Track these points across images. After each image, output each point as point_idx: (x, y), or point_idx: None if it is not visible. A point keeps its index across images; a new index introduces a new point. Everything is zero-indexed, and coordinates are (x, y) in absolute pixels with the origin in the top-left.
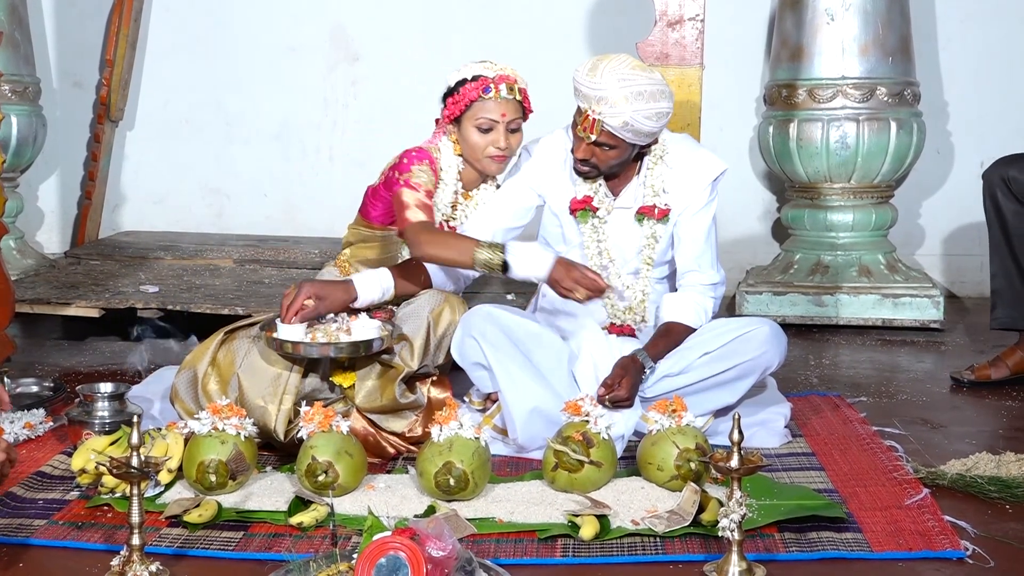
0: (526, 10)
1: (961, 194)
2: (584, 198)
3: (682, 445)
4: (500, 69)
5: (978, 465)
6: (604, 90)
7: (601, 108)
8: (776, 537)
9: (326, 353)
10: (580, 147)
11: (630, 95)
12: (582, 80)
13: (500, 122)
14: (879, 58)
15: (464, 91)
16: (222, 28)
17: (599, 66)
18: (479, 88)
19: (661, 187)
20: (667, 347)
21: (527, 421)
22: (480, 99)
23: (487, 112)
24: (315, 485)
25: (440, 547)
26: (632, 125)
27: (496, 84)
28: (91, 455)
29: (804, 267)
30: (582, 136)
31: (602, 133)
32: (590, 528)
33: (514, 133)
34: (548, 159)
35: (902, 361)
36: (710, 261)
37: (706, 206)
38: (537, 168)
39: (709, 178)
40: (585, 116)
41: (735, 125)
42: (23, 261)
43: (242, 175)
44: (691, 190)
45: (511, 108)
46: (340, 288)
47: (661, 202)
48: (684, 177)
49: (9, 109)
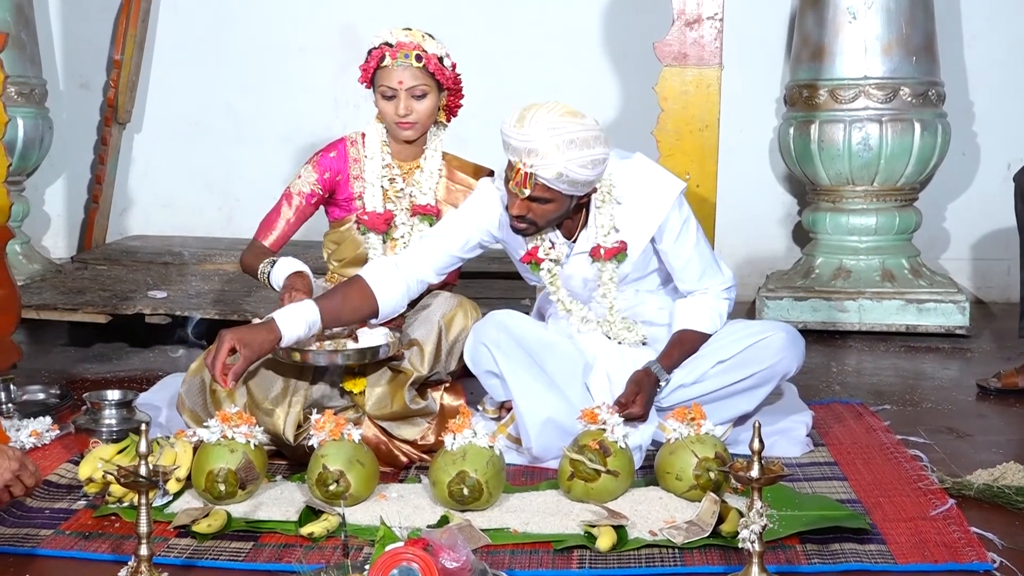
0: (539, 10)
1: (987, 197)
2: (532, 250)
3: (701, 454)
4: (407, 36)
5: (1005, 475)
6: (533, 141)
7: (532, 160)
8: (798, 549)
9: (333, 361)
10: (515, 203)
11: (561, 144)
12: (510, 132)
13: (399, 89)
14: (902, 57)
15: (369, 59)
16: (231, 29)
17: (526, 116)
18: (378, 56)
19: (611, 225)
20: (681, 356)
21: (541, 431)
22: (380, 67)
23: (385, 79)
24: (326, 494)
25: (454, 558)
26: (567, 175)
27: (394, 52)
28: (98, 464)
29: (826, 272)
30: (515, 191)
31: (536, 187)
32: (607, 539)
33: (419, 100)
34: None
35: (927, 368)
36: (711, 271)
37: (682, 227)
38: (491, 211)
39: (669, 200)
40: (517, 170)
41: (755, 127)
42: (29, 266)
43: (252, 178)
44: (652, 216)
45: (410, 75)
46: (263, 330)
47: (610, 240)
48: (641, 206)
49: (15, 111)
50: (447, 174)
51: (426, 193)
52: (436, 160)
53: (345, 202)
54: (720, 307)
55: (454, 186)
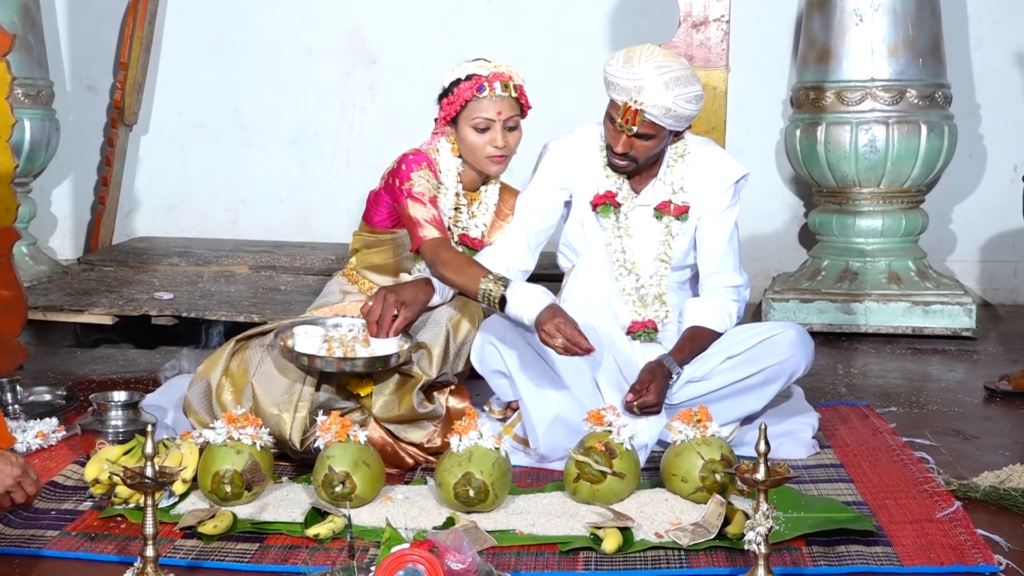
0: (546, 12)
1: (994, 199)
2: (606, 193)
3: (707, 456)
4: (495, 67)
5: (1012, 477)
6: (643, 79)
7: (642, 98)
8: (804, 551)
9: (342, 368)
10: (619, 140)
11: (670, 81)
12: (617, 73)
13: (497, 121)
14: (909, 59)
15: (459, 91)
16: (238, 31)
17: (633, 57)
18: (473, 87)
19: (680, 185)
20: (692, 352)
21: (549, 429)
22: (475, 98)
23: (483, 111)
24: (332, 496)
25: (459, 560)
26: (674, 111)
27: (491, 82)
28: (104, 465)
29: (832, 274)
30: (623, 129)
31: (644, 123)
32: (613, 541)
33: (512, 131)
34: (578, 153)
35: (933, 370)
36: (733, 264)
37: (728, 209)
38: (565, 163)
39: (730, 180)
40: (626, 108)
41: (761, 128)
42: (36, 267)
43: (258, 180)
44: (711, 191)
45: (507, 106)
46: (420, 289)
47: (679, 199)
48: (705, 177)
49: (22, 113)
50: (497, 209)
51: (479, 227)
52: (495, 194)
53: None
54: (730, 307)
55: (498, 222)
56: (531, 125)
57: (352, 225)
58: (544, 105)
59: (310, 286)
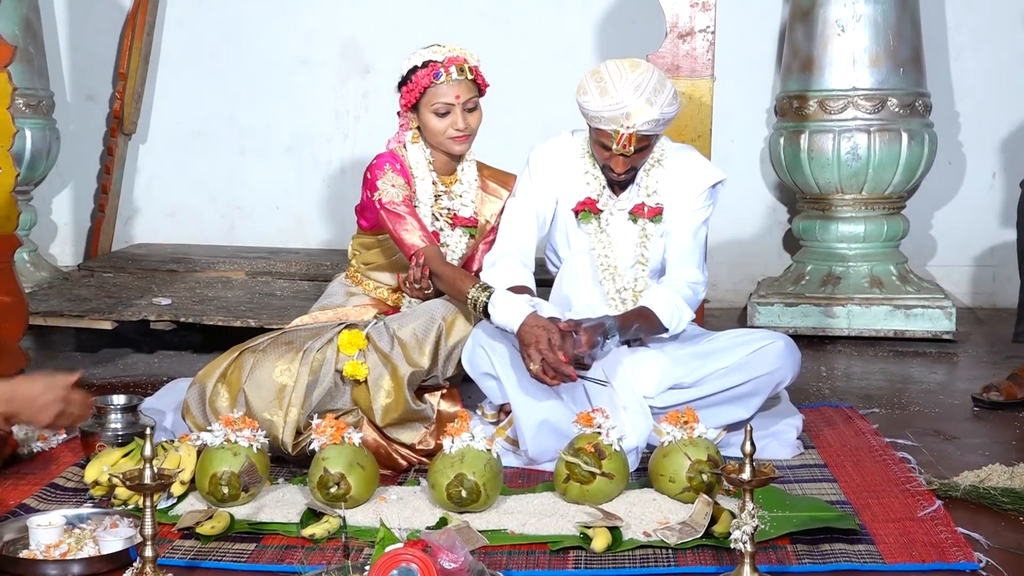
0: (537, 23)
1: (974, 205)
2: (586, 199)
3: (694, 457)
4: (449, 51)
5: (991, 477)
6: (626, 105)
7: (632, 121)
8: (788, 549)
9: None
10: (620, 163)
11: (650, 96)
12: (598, 107)
13: (456, 104)
14: (890, 69)
15: (416, 79)
16: (234, 41)
17: (607, 87)
18: (430, 74)
19: (655, 188)
20: (637, 331)
21: (537, 433)
22: (433, 85)
23: (442, 96)
24: (327, 497)
25: (452, 559)
26: (663, 119)
27: (447, 67)
28: (104, 467)
29: (815, 278)
30: (622, 153)
31: (639, 140)
32: (602, 540)
33: (472, 112)
34: (559, 160)
35: (914, 372)
36: (696, 261)
37: (700, 209)
38: (549, 171)
39: (706, 184)
40: (619, 136)
41: (746, 136)
42: (37, 274)
43: (254, 188)
44: (687, 194)
45: (464, 88)
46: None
47: (652, 201)
48: (681, 181)
49: (23, 123)
50: (480, 184)
51: (467, 206)
52: (472, 171)
53: None
54: (683, 306)
55: (487, 196)
56: (523, 132)
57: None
58: (535, 113)
59: (305, 292)
